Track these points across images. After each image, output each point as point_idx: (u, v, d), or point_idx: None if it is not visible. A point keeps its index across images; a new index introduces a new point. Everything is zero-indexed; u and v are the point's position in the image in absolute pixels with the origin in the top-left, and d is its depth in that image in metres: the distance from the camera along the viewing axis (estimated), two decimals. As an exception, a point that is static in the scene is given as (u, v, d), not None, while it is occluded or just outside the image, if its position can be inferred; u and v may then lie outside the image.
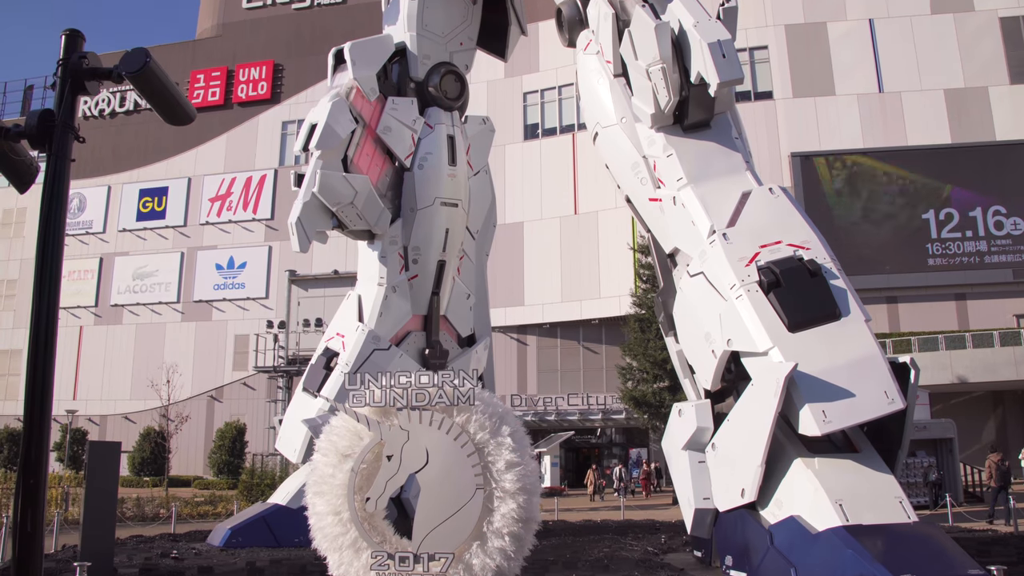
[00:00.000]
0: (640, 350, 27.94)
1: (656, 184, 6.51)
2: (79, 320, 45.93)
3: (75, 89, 4.76)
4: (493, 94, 39.83)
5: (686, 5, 6.24)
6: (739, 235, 6.16)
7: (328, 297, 30.48)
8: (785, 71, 35.89)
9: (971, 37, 34.97)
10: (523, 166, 39.43)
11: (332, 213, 7.13)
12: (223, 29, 49.04)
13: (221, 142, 46.66)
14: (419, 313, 7.78)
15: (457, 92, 7.97)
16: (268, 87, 46.84)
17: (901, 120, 34.58)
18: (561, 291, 38.02)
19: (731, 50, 5.97)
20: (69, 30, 4.79)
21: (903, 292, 32.93)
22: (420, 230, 7.54)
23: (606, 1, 6.64)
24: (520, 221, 38.82)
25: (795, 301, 5.89)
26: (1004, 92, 34.27)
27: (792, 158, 34.39)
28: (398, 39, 8.02)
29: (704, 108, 6.42)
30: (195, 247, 45.89)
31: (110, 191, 47.82)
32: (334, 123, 7.04)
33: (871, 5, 36.05)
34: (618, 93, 6.64)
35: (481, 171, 8.28)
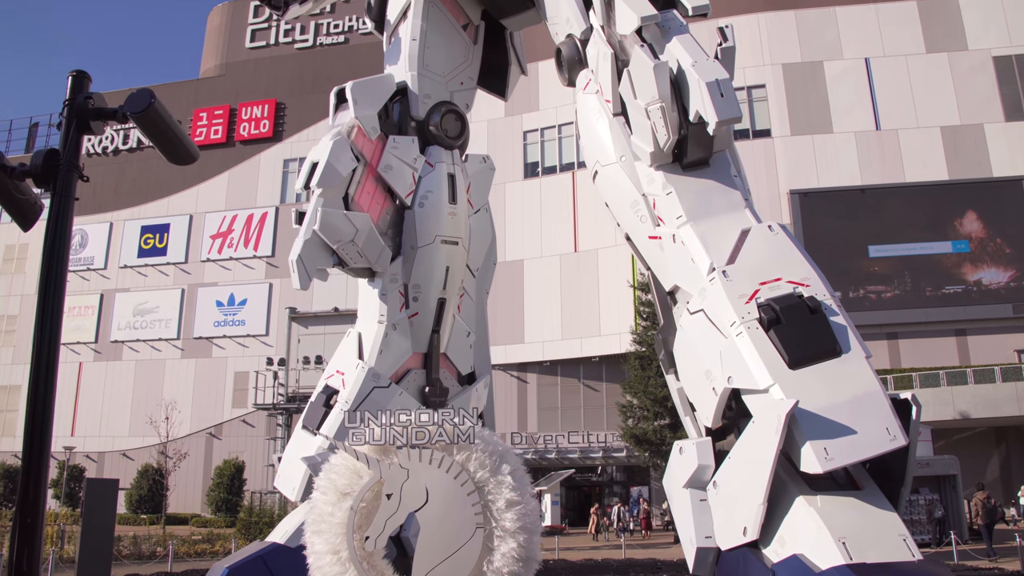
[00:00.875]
0: (641, 388, 27.86)
1: (655, 222, 6.53)
2: (79, 356, 45.86)
3: (80, 129, 4.82)
4: (494, 133, 40.12)
5: (684, 45, 6.29)
6: (739, 272, 6.16)
7: (328, 334, 30.46)
8: (783, 109, 36.19)
9: (965, 75, 35.33)
10: (523, 204, 39.60)
11: (333, 251, 7.13)
12: (226, 68, 49.55)
13: (223, 179, 46.93)
14: (419, 351, 7.77)
15: (458, 131, 8.02)
16: (270, 125, 47.22)
17: (899, 157, 34.81)
18: (561, 328, 37.98)
19: (729, 89, 6.02)
20: (76, 71, 4.86)
21: (903, 328, 32.91)
22: (420, 268, 7.55)
23: (605, 41, 6.70)
24: (520, 259, 38.89)
25: (795, 338, 5.88)
26: (999, 129, 34.55)
27: (791, 195, 34.56)
28: (399, 78, 8.09)
29: (703, 146, 6.45)
30: (196, 284, 45.95)
31: (112, 228, 48.03)
32: (335, 161, 7.07)
33: (867, 44, 36.46)
34: (617, 132, 6.69)
35: (482, 209, 8.31)
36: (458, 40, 8.58)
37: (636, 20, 6.31)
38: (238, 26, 50.07)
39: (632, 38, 6.41)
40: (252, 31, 49.68)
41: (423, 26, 8.27)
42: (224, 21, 50.82)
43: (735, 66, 6.27)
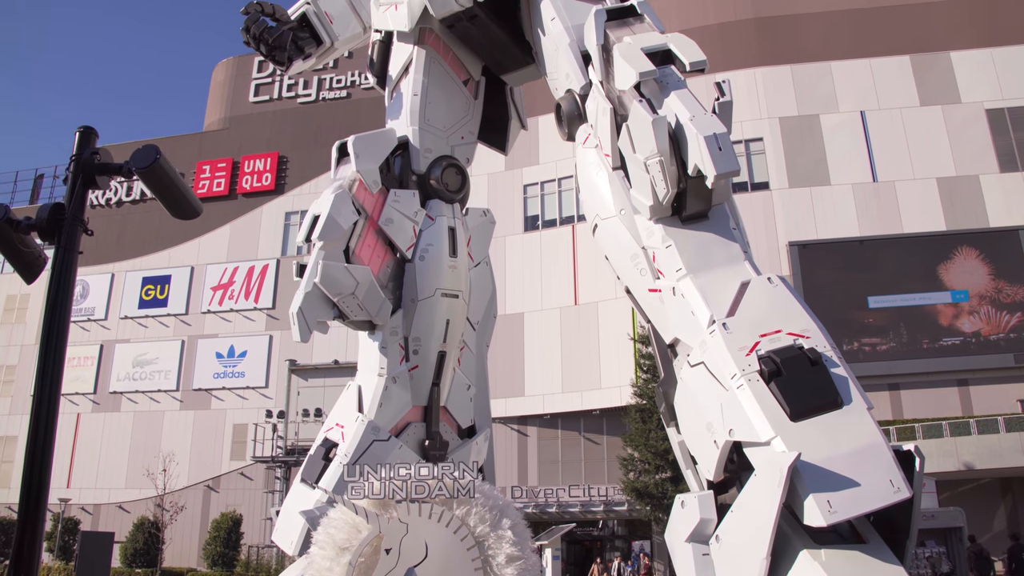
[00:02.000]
0: (641, 441, 27.70)
1: (655, 275, 6.55)
2: (77, 407, 45.63)
3: (86, 184, 4.89)
4: (494, 186, 40.43)
5: (682, 100, 6.38)
6: (739, 325, 6.16)
7: (328, 387, 30.40)
8: (780, 162, 36.52)
9: (959, 128, 35.75)
10: (523, 257, 39.73)
11: (333, 303, 7.14)
12: (230, 122, 50.14)
13: (225, 232, 47.17)
14: (419, 404, 7.73)
15: (458, 185, 8.08)
16: (272, 178, 47.62)
17: (896, 208, 35.04)
18: (562, 381, 37.83)
19: (727, 143, 6.09)
20: (83, 127, 4.94)
21: (905, 379, 32.79)
22: (421, 321, 7.55)
23: (604, 96, 6.78)
24: (520, 312, 38.89)
25: (796, 390, 5.85)
26: (994, 180, 34.85)
27: (790, 247, 34.70)
28: (401, 133, 8.17)
29: (702, 199, 6.49)
30: (196, 335, 45.91)
31: (113, 279, 48.15)
32: (336, 215, 7.11)
33: (862, 98, 36.94)
34: (617, 186, 6.74)
35: (482, 262, 8.34)
36: (459, 95, 8.69)
37: (634, 76, 6.39)
38: (242, 80, 50.79)
39: (631, 93, 6.49)
40: (256, 85, 50.39)
41: (424, 81, 8.39)
42: (229, 76, 51.57)
43: (733, 120, 6.35)
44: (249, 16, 9.36)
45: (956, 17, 37.43)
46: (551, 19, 7.59)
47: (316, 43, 9.82)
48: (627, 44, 6.69)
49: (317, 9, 9.73)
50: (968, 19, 37.33)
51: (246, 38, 9.50)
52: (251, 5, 9.37)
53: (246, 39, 9.52)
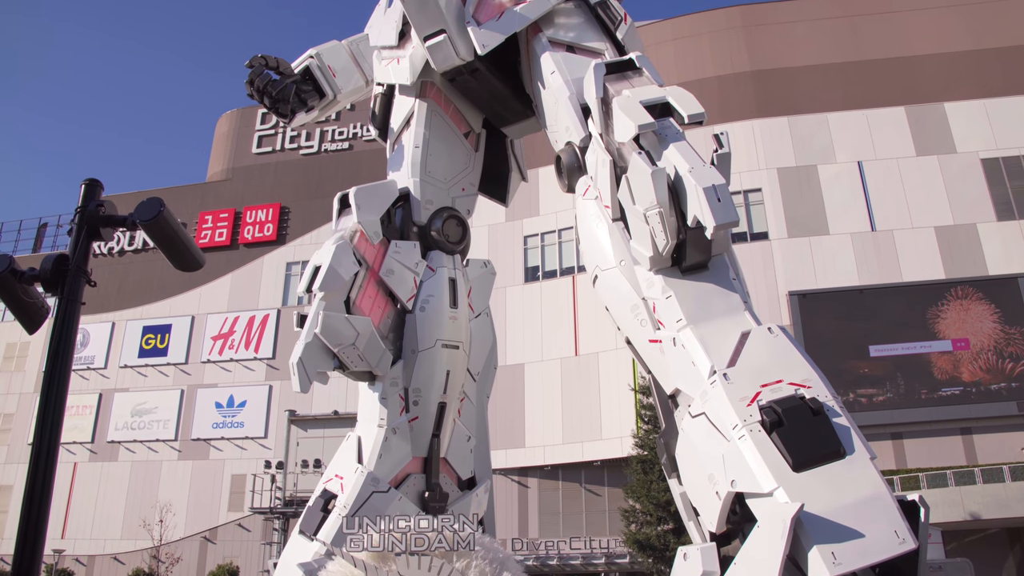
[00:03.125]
0: (643, 492, 27.45)
1: (656, 326, 6.55)
2: (74, 456, 45.25)
3: (91, 235, 4.93)
4: (494, 237, 40.62)
5: (681, 152, 6.44)
6: (740, 375, 6.14)
7: (327, 438, 30.21)
8: (779, 212, 36.74)
9: (956, 177, 36.05)
10: (524, 308, 39.76)
11: (333, 354, 7.13)
12: (232, 173, 50.56)
13: (226, 281, 47.27)
14: (419, 455, 7.68)
15: (459, 236, 8.13)
16: (274, 229, 47.86)
17: (895, 257, 35.16)
18: (562, 432, 37.60)
19: (726, 194, 6.13)
20: (89, 180, 4.99)
21: (907, 428, 32.59)
22: (421, 372, 7.53)
23: (604, 149, 6.84)
24: (521, 363, 38.79)
25: (798, 440, 5.81)
26: (992, 228, 35.03)
27: (789, 296, 34.75)
28: (402, 184, 8.23)
29: (701, 250, 6.51)
30: (195, 385, 45.74)
31: (113, 327, 48.11)
32: (337, 265, 7.14)
33: (859, 148, 37.30)
34: (616, 237, 6.77)
35: (482, 313, 8.35)
36: (460, 148, 8.78)
37: (634, 128, 6.45)
38: (246, 132, 51.33)
39: (630, 145, 6.54)
40: (259, 137, 50.93)
41: (426, 134, 8.47)
42: (232, 127, 52.14)
43: (732, 171, 6.40)
44: (254, 69, 9.49)
45: (949, 69, 37.98)
46: (551, 73, 7.68)
47: (319, 96, 9.94)
48: (626, 97, 6.78)
49: (320, 63, 9.86)
50: (961, 71, 37.88)
51: (250, 91, 9.62)
52: (255, 58, 9.51)
53: (250, 92, 9.64)
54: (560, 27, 8.02)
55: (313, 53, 9.95)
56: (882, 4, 40.07)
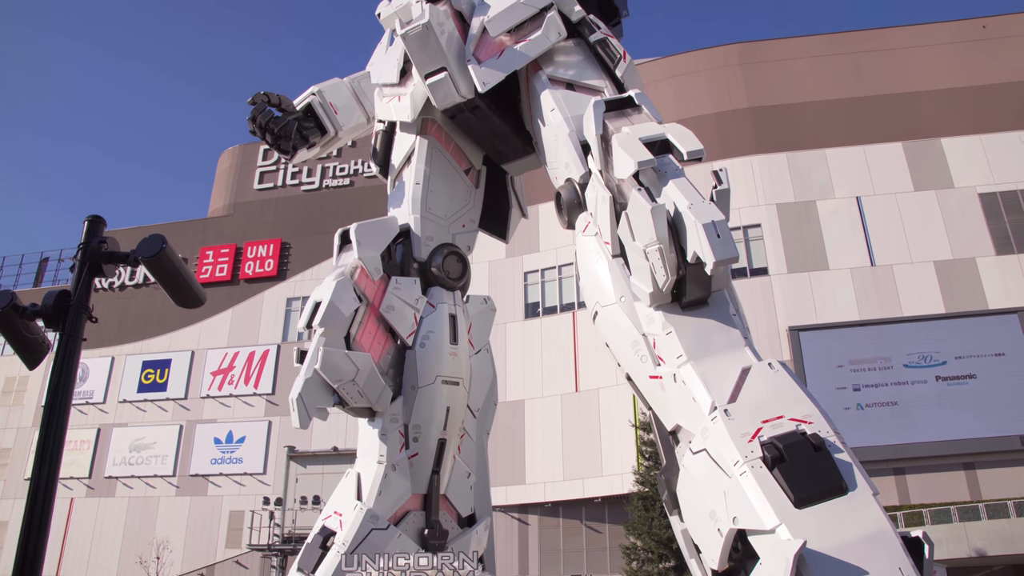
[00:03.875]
0: (644, 529, 27.27)
1: (656, 362, 6.54)
2: (71, 492, 44.94)
3: (93, 272, 4.94)
4: (495, 273, 40.70)
5: (680, 188, 6.46)
6: (740, 411, 6.12)
7: (327, 474, 30.06)
8: (779, 248, 36.85)
9: (954, 212, 36.23)
10: (524, 344, 39.74)
11: (333, 390, 7.11)
12: (234, 208, 50.81)
13: (226, 317, 47.29)
14: (419, 492, 7.62)
15: (459, 272, 8.13)
16: (275, 264, 47.99)
17: (894, 292, 35.21)
18: (563, 469, 37.38)
19: (725, 230, 6.14)
20: (92, 216, 5.02)
21: (910, 463, 32.41)
22: (421, 408, 7.50)
23: (603, 185, 6.87)
24: (521, 399, 38.69)
25: (800, 476, 5.77)
26: (991, 263, 35.13)
27: (790, 332, 34.73)
28: (402, 221, 8.25)
29: (701, 286, 6.51)
30: (194, 420, 45.57)
31: (113, 362, 48.05)
32: (338, 301, 7.13)
33: (857, 184, 37.51)
34: (616, 273, 6.78)
35: (483, 349, 8.33)
36: (460, 184, 8.82)
37: (633, 165, 6.48)
38: (247, 168, 51.67)
39: (630, 182, 6.57)
40: (261, 173, 51.25)
41: (427, 171, 8.51)
42: (234, 163, 52.48)
43: (731, 207, 6.43)
44: (256, 106, 9.56)
45: (946, 105, 38.33)
46: (551, 110, 7.74)
47: (320, 133, 10.01)
48: (625, 134, 6.82)
49: (322, 100, 9.94)
50: (957, 107, 38.22)
51: (252, 127, 9.69)
52: (258, 96, 9.59)
53: (252, 128, 9.70)
54: (560, 65, 8.09)
55: (315, 90, 10.03)
56: (879, 41, 40.56)
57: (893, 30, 41.25)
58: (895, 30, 41.22)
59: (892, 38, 40.64)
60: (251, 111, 9.59)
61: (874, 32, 41.38)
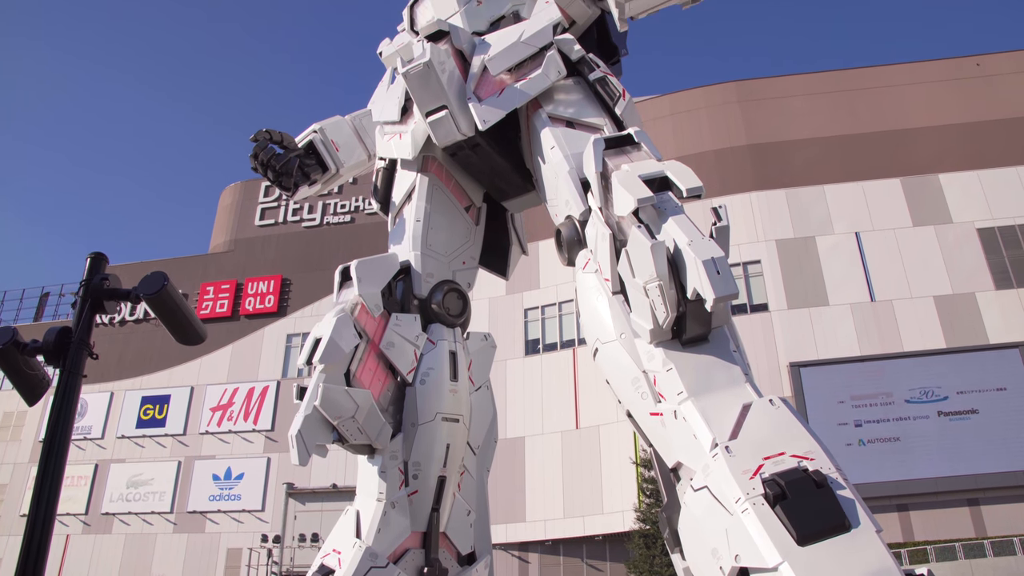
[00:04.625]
0: (646, 567, 27.04)
1: (657, 398, 6.53)
2: (67, 528, 44.53)
3: (95, 308, 4.95)
4: (495, 310, 40.71)
5: (680, 225, 6.48)
6: (741, 448, 6.09)
7: (325, 512, 29.85)
8: (779, 284, 36.89)
9: (953, 247, 36.32)
10: (524, 381, 39.65)
11: (333, 427, 7.08)
12: (235, 245, 50.95)
13: (226, 352, 47.21)
14: (418, 530, 7.57)
15: (459, 309, 8.14)
16: (275, 301, 48.01)
17: (895, 327, 35.20)
18: (563, 507, 37.10)
19: (725, 267, 6.14)
20: (94, 253, 5.04)
21: (913, 499, 32.17)
22: (421, 445, 7.47)
23: (603, 222, 6.88)
24: (521, 436, 38.52)
25: (803, 513, 5.72)
26: (991, 297, 35.15)
27: (790, 368, 34.66)
28: (403, 258, 8.27)
29: (702, 323, 6.51)
30: (193, 456, 45.31)
31: (112, 397, 47.89)
32: (338, 338, 7.13)
33: (856, 219, 37.65)
34: (617, 310, 6.78)
35: (483, 386, 8.30)
36: (461, 221, 8.85)
37: (633, 202, 6.50)
38: (249, 204, 51.90)
39: (629, 219, 6.59)
40: (262, 209, 51.47)
41: (427, 208, 8.54)
42: (236, 200, 52.73)
43: (731, 243, 6.44)
44: (258, 143, 9.63)
45: (942, 141, 38.61)
46: (551, 148, 7.79)
47: (322, 170, 10.07)
48: (625, 171, 6.85)
49: (324, 137, 10.01)
50: (954, 143, 38.50)
51: (254, 164, 9.75)
52: (260, 133, 9.66)
53: (254, 165, 9.76)
54: (560, 103, 8.15)
55: (317, 128, 10.11)
56: (875, 79, 40.96)
57: (889, 68, 41.68)
58: (890, 68, 41.65)
59: (888, 75, 41.05)
60: (253, 148, 9.66)
61: (870, 70, 41.81)
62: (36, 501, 4.89)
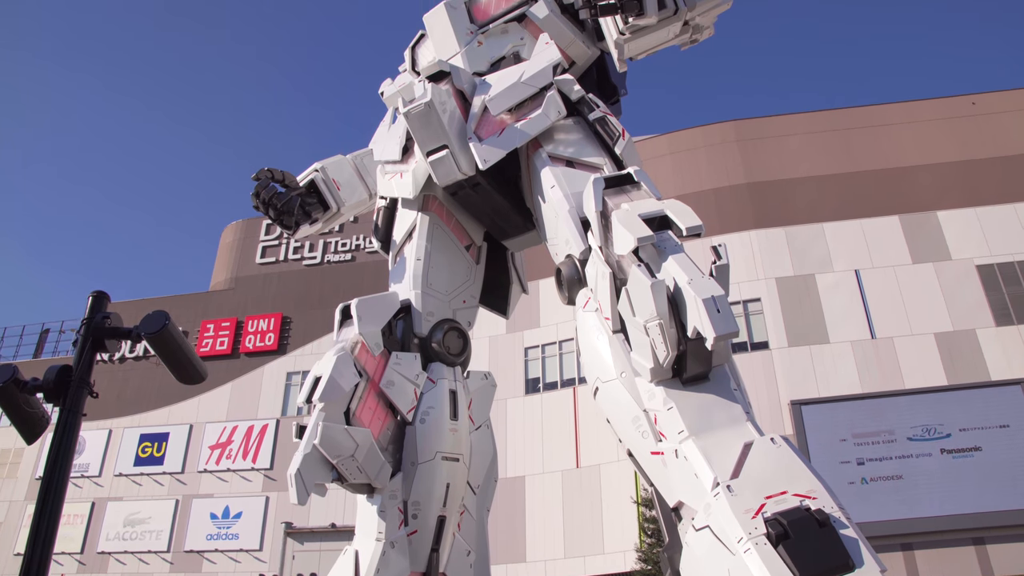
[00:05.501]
0: (648, 607, 26.66)
1: (657, 437, 6.51)
2: (62, 567, 43.96)
3: (96, 347, 4.96)
4: (495, 349, 40.65)
5: (680, 264, 6.50)
6: (743, 487, 6.06)
7: (324, 551, 29.64)
8: (779, 322, 36.86)
9: (953, 284, 36.34)
10: (524, 420, 39.47)
11: (332, 466, 7.05)
12: (236, 282, 51.00)
13: (226, 390, 47.05)
14: (417, 570, 7.50)
15: (460, 348, 8.14)
16: (275, 338, 47.94)
17: (896, 364, 35.09)
18: (564, 547, 36.73)
19: (725, 305, 6.16)
20: (96, 292, 5.06)
21: (918, 538, 31.83)
22: (421, 485, 7.43)
23: (603, 261, 6.90)
24: (522, 475, 38.26)
25: (806, 553, 5.67)
26: (992, 334, 35.08)
27: (792, 406, 34.51)
28: (403, 296, 8.28)
29: (702, 361, 6.51)
30: (191, 495, 44.93)
31: (110, 435, 47.58)
32: (338, 376, 7.13)
33: (855, 257, 37.73)
34: (617, 349, 6.78)
35: (483, 425, 8.28)
36: (461, 260, 8.87)
37: (633, 241, 6.53)
38: (250, 242, 52.05)
39: (629, 258, 6.61)
40: (263, 247, 51.60)
41: (428, 247, 8.58)
42: (237, 238, 52.88)
43: (730, 281, 6.46)
44: (260, 182, 9.71)
45: (940, 179, 38.82)
46: (551, 187, 7.83)
47: (323, 209, 10.13)
48: (625, 211, 6.89)
49: (325, 176, 10.08)
50: (951, 180, 38.70)
51: (255, 203, 9.81)
52: (262, 172, 9.74)
53: (255, 204, 9.83)
54: (560, 143, 8.22)
55: (318, 167, 10.19)
56: (872, 118, 41.30)
57: (884, 107, 42.05)
58: (886, 107, 42.03)
59: (884, 114, 41.40)
60: (255, 186, 9.73)
61: (866, 109, 42.18)
62: (33, 540, 4.87)
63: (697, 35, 8.75)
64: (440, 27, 9.25)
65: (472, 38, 9.11)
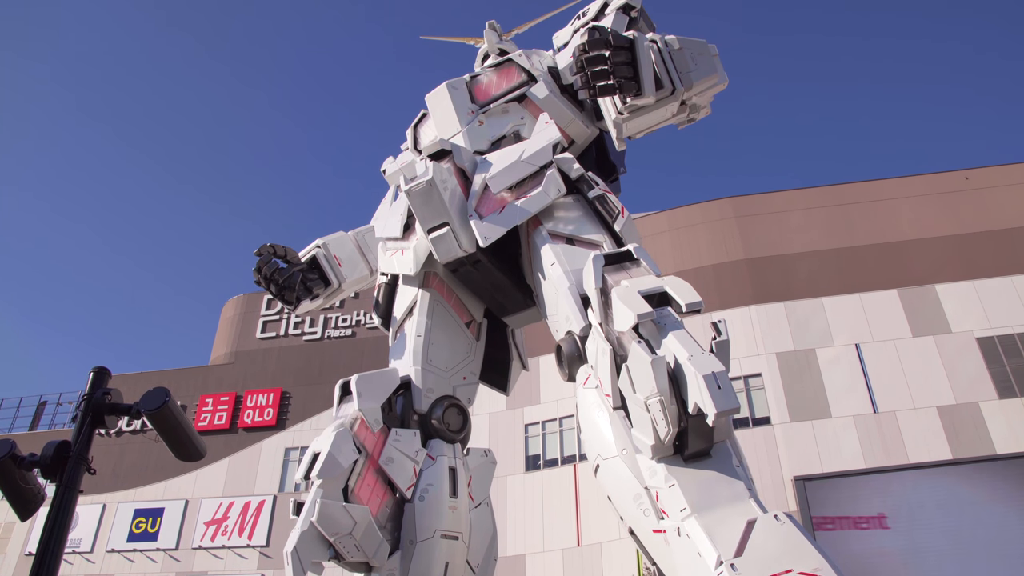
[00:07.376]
0: None
1: (659, 515, 6.45)
2: (51, 655, 42.89)
3: (95, 423, 4.94)
4: (495, 426, 40.37)
5: (680, 340, 6.53)
6: (747, 565, 5.99)
7: (320, 631, 28.87)
8: (780, 397, 36.67)
9: (954, 357, 36.23)
10: (525, 497, 38.95)
11: (329, 543, 6.96)
12: (235, 357, 50.87)
13: (223, 465, 46.51)
14: (416, 651, 7.35)
15: (459, 425, 8.11)
16: (274, 413, 47.61)
17: (899, 438, 34.77)
18: (565, 626, 35.90)
19: (726, 381, 6.18)
20: (98, 368, 5.06)
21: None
22: (419, 563, 7.31)
23: (603, 338, 6.93)
24: (522, 553, 37.57)
25: (813, 633, 5.61)
26: (995, 407, 34.83)
27: (795, 482, 34.10)
28: (403, 372, 8.29)
29: (703, 438, 6.50)
30: (184, 572, 43.99)
31: (104, 509, 46.78)
32: (337, 452, 7.09)
33: (855, 331, 37.71)
34: (618, 425, 6.77)
35: (482, 503, 8.19)
36: (461, 337, 8.89)
37: (633, 317, 6.56)
38: (251, 317, 52.09)
39: (629, 334, 6.63)
40: (264, 322, 51.62)
41: (428, 323, 8.60)
42: (238, 312, 52.95)
43: (731, 357, 6.46)
44: (262, 257, 9.80)
45: (937, 252, 39.08)
46: (551, 264, 7.88)
47: (324, 284, 10.19)
48: (625, 287, 6.94)
49: (327, 252, 10.18)
50: (948, 254, 38.95)
51: (257, 278, 9.88)
52: (264, 247, 9.84)
53: (257, 279, 9.90)
54: (560, 220, 8.30)
55: (320, 243, 10.29)
56: (868, 193, 41.79)
57: (880, 182, 42.60)
58: (882, 182, 42.57)
59: (880, 190, 41.90)
60: (257, 262, 9.82)
61: (862, 184, 42.71)
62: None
63: (694, 114, 8.93)
64: (442, 106, 9.44)
65: (473, 117, 9.29)
